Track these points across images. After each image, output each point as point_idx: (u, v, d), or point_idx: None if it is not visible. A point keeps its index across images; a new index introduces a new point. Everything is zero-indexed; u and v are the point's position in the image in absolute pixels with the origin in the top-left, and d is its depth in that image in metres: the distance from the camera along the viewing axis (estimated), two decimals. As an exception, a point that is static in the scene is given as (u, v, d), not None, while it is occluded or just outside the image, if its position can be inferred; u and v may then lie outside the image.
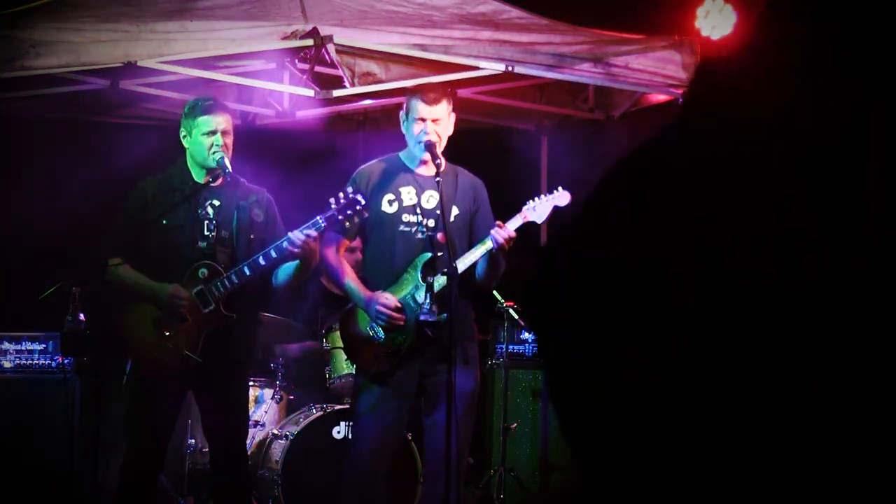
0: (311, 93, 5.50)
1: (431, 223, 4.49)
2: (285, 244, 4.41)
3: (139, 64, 4.93)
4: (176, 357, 4.49)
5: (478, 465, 6.26)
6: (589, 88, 6.46)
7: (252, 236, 4.63)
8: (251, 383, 6.09)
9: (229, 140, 4.59)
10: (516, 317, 6.21)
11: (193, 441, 5.96)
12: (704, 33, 6.48)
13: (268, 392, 6.24)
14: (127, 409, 4.62)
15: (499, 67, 5.45)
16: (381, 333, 4.46)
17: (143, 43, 4.91)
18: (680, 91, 5.84)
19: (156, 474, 4.71)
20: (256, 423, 6.11)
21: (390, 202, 4.52)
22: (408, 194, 4.53)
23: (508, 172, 6.89)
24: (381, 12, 5.50)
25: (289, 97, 6.74)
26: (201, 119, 4.56)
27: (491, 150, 7.25)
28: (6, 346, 5.93)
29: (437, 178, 4.41)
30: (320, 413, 5.91)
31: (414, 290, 4.45)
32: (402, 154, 4.63)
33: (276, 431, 5.97)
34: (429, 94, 4.53)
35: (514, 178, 6.80)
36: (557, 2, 6.02)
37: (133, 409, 4.60)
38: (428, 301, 4.33)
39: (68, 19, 4.95)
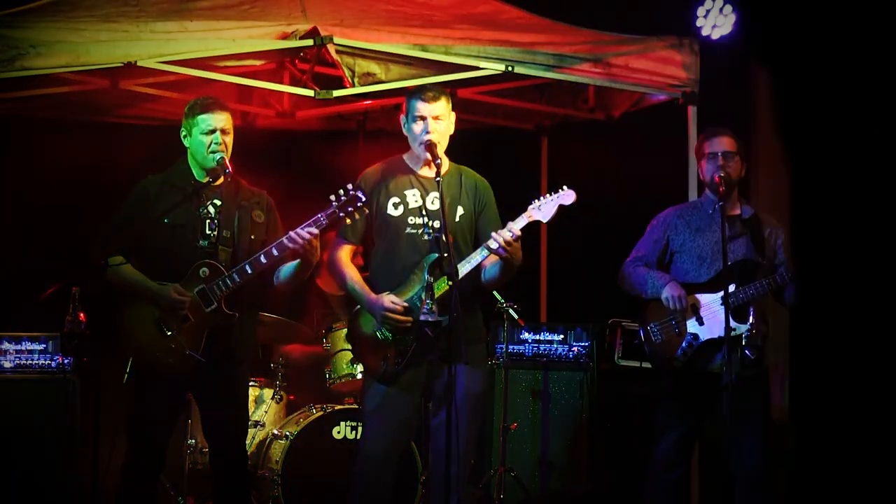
0: (311, 93, 5.50)
1: (437, 224, 4.49)
2: (287, 242, 4.41)
3: (139, 64, 4.93)
4: (178, 356, 4.49)
5: (478, 465, 6.26)
6: (589, 88, 6.46)
7: (253, 237, 4.64)
8: (251, 383, 6.10)
9: (229, 139, 4.60)
10: (516, 316, 6.21)
11: (193, 441, 5.96)
12: (704, 33, 6.49)
13: (268, 392, 6.24)
14: (128, 408, 4.62)
15: (499, 67, 5.45)
16: (389, 335, 4.46)
17: (143, 43, 4.91)
18: (680, 91, 5.84)
19: (157, 474, 4.71)
20: (256, 423, 6.11)
21: (395, 205, 4.52)
22: (413, 196, 4.53)
23: (509, 173, 6.88)
24: (381, 12, 5.51)
25: (289, 97, 6.75)
26: (201, 117, 4.57)
27: (491, 151, 7.25)
28: (6, 346, 5.93)
29: (438, 179, 4.41)
30: (320, 413, 5.90)
31: (420, 291, 4.45)
32: (406, 156, 4.63)
33: (276, 431, 5.97)
34: (427, 92, 4.53)
35: (514, 178, 6.79)
36: (557, 2, 6.02)
37: (134, 409, 4.60)
38: (428, 301, 4.33)
39: (68, 19, 4.95)
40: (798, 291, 4.80)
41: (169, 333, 4.49)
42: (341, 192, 4.36)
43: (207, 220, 4.60)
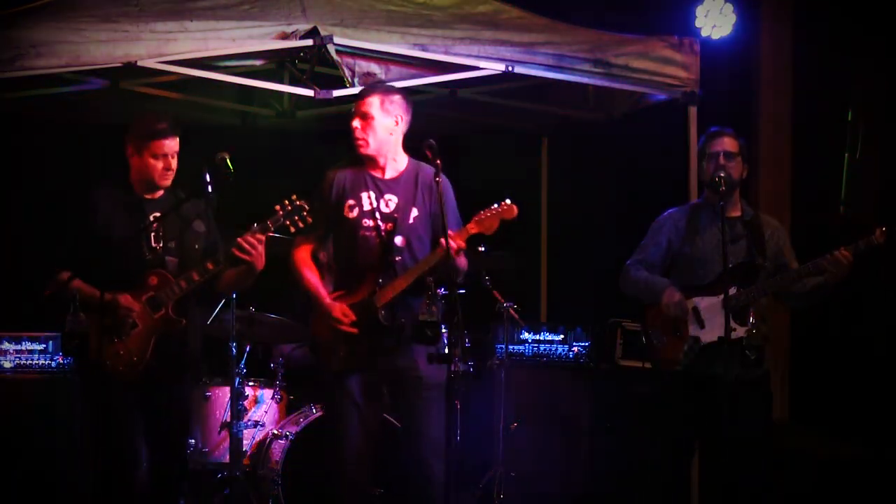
0: (311, 93, 5.50)
1: (390, 227, 4.54)
2: (234, 250, 4.44)
3: (139, 64, 4.93)
4: (125, 362, 4.46)
5: (478, 465, 6.26)
6: (589, 88, 6.46)
7: (196, 246, 4.66)
8: (250, 383, 6.11)
9: (175, 161, 4.61)
10: (516, 317, 6.21)
11: (193, 441, 5.96)
12: (704, 33, 6.49)
13: (268, 392, 6.24)
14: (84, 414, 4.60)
15: (499, 67, 5.45)
16: (342, 336, 4.53)
17: (143, 43, 4.91)
18: (680, 91, 5.84)
19: (125, 474, 4.68)
20: (256, 423, 6.11)
21: (351, 207, 4.60)
22: (367, 199, 4.59)
23: (509, 173, 6.89)
24: (381, 12, 5.50)
25: (289, 97, 6.74)
26: (154, 144, 4.56)
27: (491, 151, 7.25)
28: (6, 346, 5.94)
29: (439, 178, 4.41)
30: (320, 413, 5.90)
31: (372, 295, 4.51)
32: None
33: (276, 431, 5.97)
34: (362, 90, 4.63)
35: (514, 178, 6.80)
36: (557, 2, 6.02)
37: (90, 413, 4.60)
38: (428, 302, 4.35)
39: (68, 19, 4.94)
40: None
41: (116, 340, 4.48)
42: (286, 202, 4.46)
43: (152, 234, 4.59)
